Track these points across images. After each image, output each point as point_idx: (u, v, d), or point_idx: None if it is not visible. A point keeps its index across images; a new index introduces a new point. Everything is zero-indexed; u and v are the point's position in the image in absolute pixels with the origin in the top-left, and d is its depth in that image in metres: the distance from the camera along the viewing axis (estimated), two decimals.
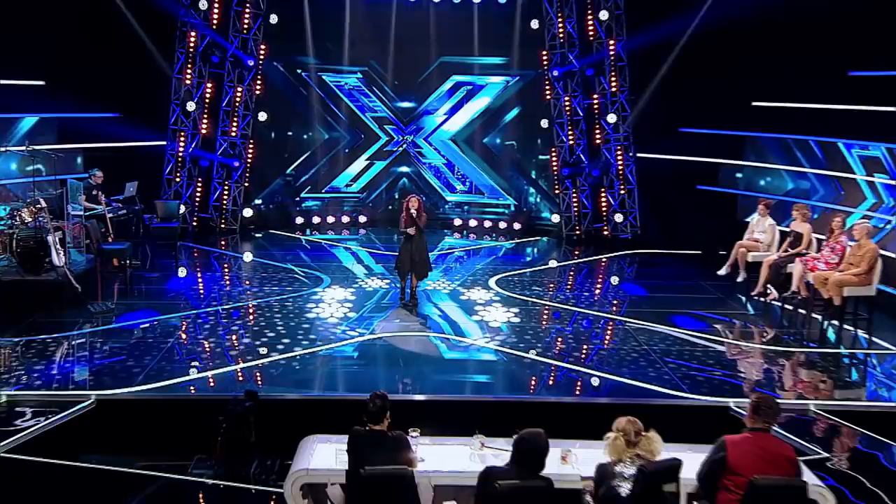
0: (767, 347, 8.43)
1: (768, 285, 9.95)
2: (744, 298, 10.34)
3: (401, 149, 16.60)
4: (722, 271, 10.97)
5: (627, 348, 8.22)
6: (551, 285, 11.14)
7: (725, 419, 6.51)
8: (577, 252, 14.03)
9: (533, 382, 7.35)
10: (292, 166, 16.22)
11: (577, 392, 7.09)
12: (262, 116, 15.53)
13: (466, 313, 9.33)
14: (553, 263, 12.75)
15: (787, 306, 9.36)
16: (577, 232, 15.18)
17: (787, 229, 10.77)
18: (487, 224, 16.58)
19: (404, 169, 16.88)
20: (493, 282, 10.89)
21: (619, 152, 15.17)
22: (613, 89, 15.00)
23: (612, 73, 14.98)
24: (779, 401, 4.63)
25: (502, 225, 16.34)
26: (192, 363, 7.39)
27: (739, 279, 10.79)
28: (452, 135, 16.52)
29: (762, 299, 10.04)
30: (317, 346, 7.96)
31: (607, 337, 8.74)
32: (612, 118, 14.93)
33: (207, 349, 7.81)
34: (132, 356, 7.43)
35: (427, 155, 17.04)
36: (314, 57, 15.97)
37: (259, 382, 7.08)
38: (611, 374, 7.43)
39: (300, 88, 16.35)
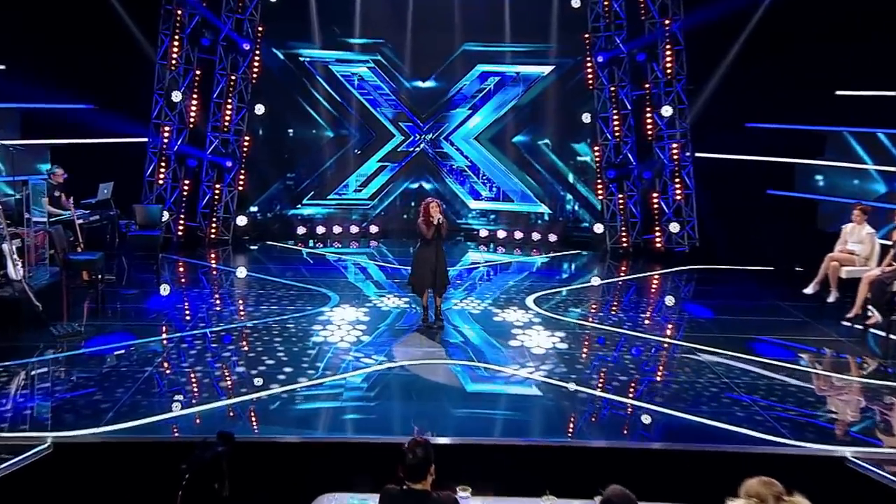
0: (873, 382, 7.88)
1: (868, 306, 9.25)
2: (837, 322, 9.83)
3: (418, 149, 16.77)
4: (809, 289, 10.37)
5: (704, 381, 7.71)
6: (600, 305, 10.93)
7: (842, 472, 6.02)
8: (623, 268, 13.82)
9: (597, 423, 6.92)
10: (293, 168, 16.17)
11: (653, 435, 6.56)
12: (260, 110, 15.37)
13: (503, 337, 8.98)
14: (596, 281, 12.62)
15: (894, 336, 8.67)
16: (624, 244, 14.89)
17: (889, 242, 10.01)
18: (518, 235, 16.34)
19: (421, 174, 16.94)
20: (530, 301, 10.66)
21: (674, 151, 14.68)
22: (668, 77, 14.60)
23: (667, 58, 14.55)
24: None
25: (535, 236, 16.15)
26: (175, 397, 7.00)
27: (830, 299, 10.22)
28: (477, 133, 16.40)
29: (860, 324, 9.44)
30: (325, 375, 7.63)
31: (676, 366, 8.21)
32: (666, 111, 14.44)
33: (194, 380, 7.45)
34: (102, 389, 7.05)
35: (448, 156, 17.00)
36: (319, 42, 15.89)
37: (254, 420, 6.68)
38: (691, 415, 6.89)
39: (303, 78, 16.11)
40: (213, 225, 14.77)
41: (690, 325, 9.97)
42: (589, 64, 15.15)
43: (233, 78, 14.95)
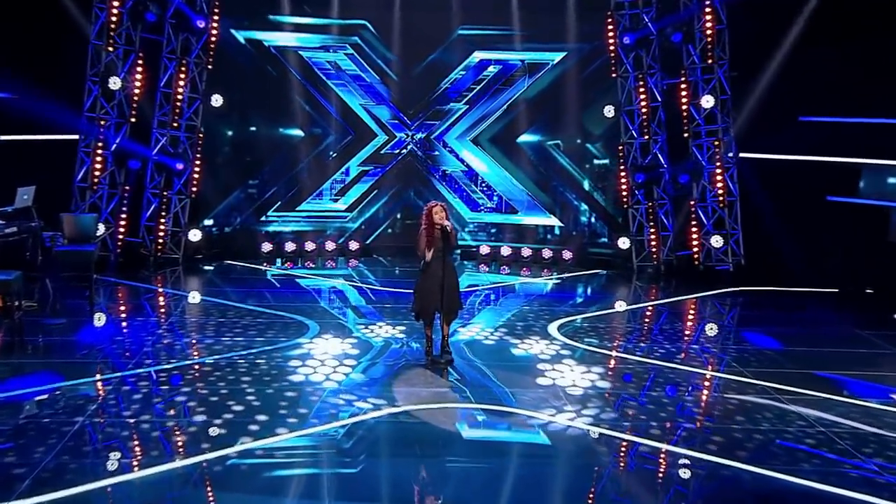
0: None
1: None
2: None
3: (405, 151, 16.67)
4: None
5: (794, 431, 7.23)
6: (639, 334, 10.76)
7: None
8: (655, 290, 13.80)
9: (667, 487, 6.34)
10: (257, 173, 16.36)
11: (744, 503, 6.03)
12: (217, 101, 15.08)
13: (528, 374, 8.67)
14: (622, 305, 12.51)
15: None
16: (655, 261, 14.80)
17: None
18: (526, 253, 16.14)
19: (409, 182, 16.87)
20: (554, 329, 10.46)
21: (715, 151, 14.29)
22: (707, 62, 14.20)
23: (707, 39, 14.15)
24: None
25: (546, 254, 16.02)
26: (113, 456, 6.46)
27: None
28: (475, 132, 16.63)
29: None
30: (310, 425, 7.15)
31: (753, 412, 7.72)
32: (707, 101, 14.05)
33: (138, 435, 6.91)
34: (16, 448, 6.49)
35: (440, 159, 16.82)
36: (288, 22, 15.69)
37: (218, 487, 6.07)
38: (789, 475, 6.32)
39: (267, 66, 15.94)
40: (160, 240, 14.60)
41: (756, 358, 9.54)
42: (612, 49, 14.84)
43: (184, 63, 14.48)
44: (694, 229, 14.36)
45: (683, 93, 14.23)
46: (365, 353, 9.26)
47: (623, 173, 14.83)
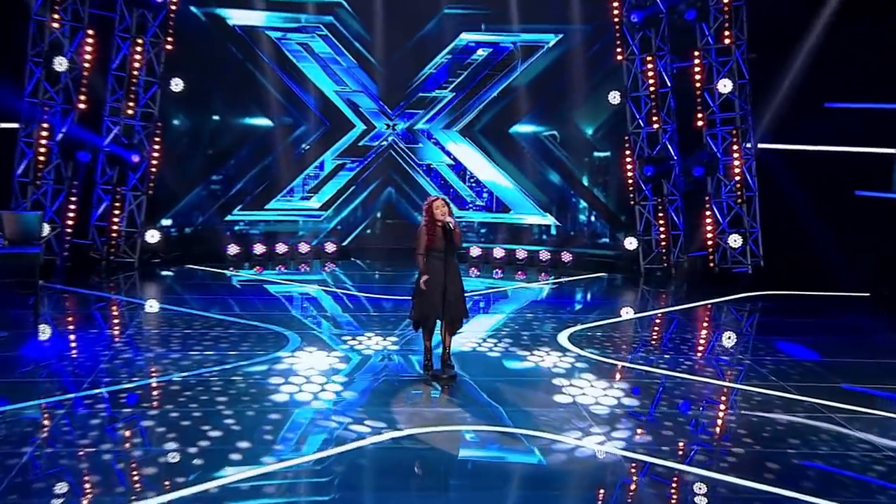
0: None
1: None
2: None
3: (385, 143, 16.56)
4: None
5: (859, 455, 6.95)
6: (661, 344, 10.70)
7: None
8: (667, 295, 13.79)
9: None
10: (221, 167, 16.10)
11: None
12: (176, 86, 14.69)
13: (543, 391, 8.52)
14: (633, 313, 12.46)
15: None
16: (665, 264, 14.68)
17: None
18: (521, 255, 16.02)
19: (390, 177, 16.83)
20: (564, 339, 10.36)
21: (732, 141, 14.11)
22: (725, 42, 14.02)
23: (724, 17, 13.99)
24: None
25: (543, 256, 15.90)
26: (60, 491, 6.05)
27: None
28: (463, 123, 16.46)
29: None
30: (300, 453, 6.82)
31: (807, 433, 7.46)
32: (724, 86, 13.88)
33: (96, 467, 6.51)
34: None
35: (424, 152, 16.64)
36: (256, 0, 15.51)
37: None
38: None
39: (233, 47, 15.70)
40: (113, 242, 14.38)
41: (796, 371, 9.39)
42: (617, 29, 14.67)
43: (139, 42, 14.08)
44: (709, 228, 14.20)
45: (697, 77, 14.01)
46: (356, 368, 9.05)
47: (629, 166, 14.64)
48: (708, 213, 14.17)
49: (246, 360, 9.06)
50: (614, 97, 14.65)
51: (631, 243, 14.69)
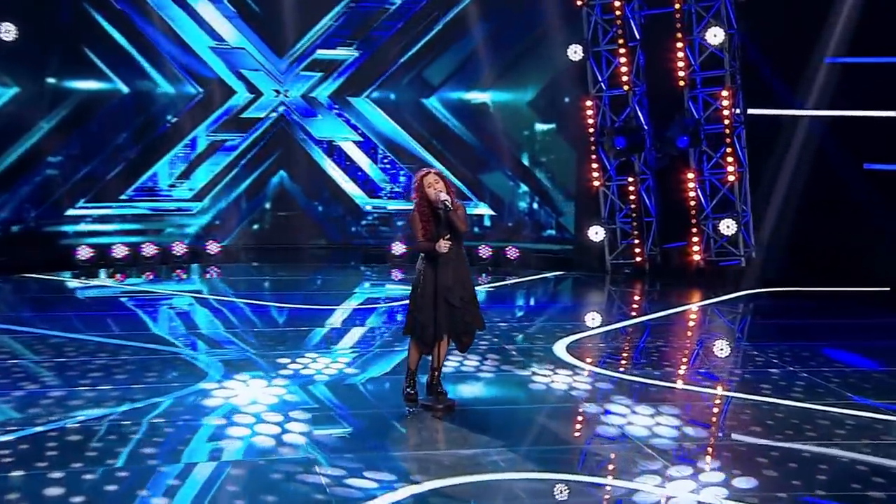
0: None
1: None
2: None
3: (274, 115, 16.11)
4: None
5: None
6: (684, 355, 10.78)
7: None
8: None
9: None
10: (60, 148, 15.30)
11: None
12: (7, 33, 13.70)
13: (573, 420, 8.34)
14: (592, 319, 12.36)
15: None
16: (639, 259, 14.44)
17: None
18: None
19: (282, 157, 16.34)
20: (560, 350, 10.28)
21: (721, 107, 13.79)
22: None
23: None
24: None
25: (485, 252, 15.68)
26: None
27: None
28: (373, 88, 16.07)
29: None
30: None
31: None
32: (715, 36, 13.52)
33: None
34: None
35: (325, 126, 16.21)
36: None
37: None
38: None
39: None
40: None
41: (869, 383, 9.30)
42: None
43: None
44: (692, 212, 13.94)
45: (678, 25, 13.69)
46: (318, 400, 8.47)
47: (591, 139, 14.27)
48: (692, 193, 13.86)
49: (161, 396, 8.33)
50: (575, 52, 14.21)
51: (596, 234, 14.32)
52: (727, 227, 13.71)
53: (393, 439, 7.60)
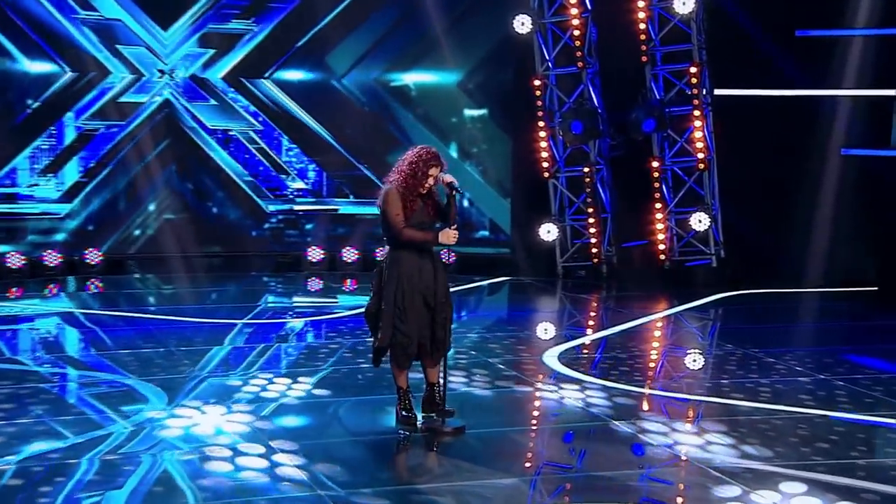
0: None
1: None
2: None
3: (158, 100, 15.69)
4: None
5: None
6: (696, 366, 10.94)
7: None
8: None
9: None
10: None
11: None
12: None
13: (607, 441, 8.19)
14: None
15: None
16: (594, 260, 14.47)
17: None
18: (354, 258, 15.77)
19: (168, 151, 15.87)
20: (552, 360, 10.41)
21: (692, 83, 13.79)
22: None
23: None
24: None
25: None
26: None
27: None
28: (274, 68, 15.88)
29: None
30: None
31: None
32: (683, 5, 13.46)
33: None
34: None
35: (220, 113, 15.95)
36: None
37: None
38: None
39: None
40: None
41: None
42: None
43: None
44: (658, 206, 13.99)
45: None
46: (298, 427, 8.24)
47: (541, 123, 14.17)
48: (657, 184, 13.85)
49: (104, 427, 7.85)
50: (523, 24, 14.05)
51: (548, 232, 14.18)
52: (699, 221, 13.71)
53: (411, 469, 7.51)
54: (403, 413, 7.72)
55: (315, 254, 15.43)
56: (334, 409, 8.86)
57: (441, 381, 7.95)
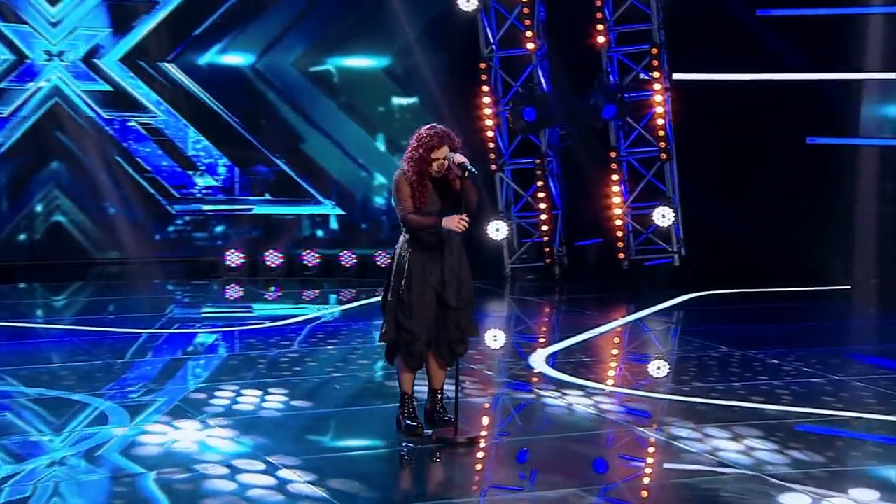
0: None
1: None
2: None
3: (44, 86, 15.36)
4: None
5: None
6: (707, 370, 10.82)
7: None
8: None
9: None
10: None
11: None
12: None
13: (635, 451, 8.38)
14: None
15: None
16: (547, 260, 14.66)
17: None
18: (277, 261, 15.68)
19: (56, 147, 15.59)
20: (540, 363, 10.63)
21: (653, 66, 13.98)
22: None
23: None
24: None
25: (347, 262, 15.78)
26: None
27: None
28: (181, 50, 15.73)
29: None
30: None
31: None
32: None
33: None
34: None
35: (116, 102, 15.71)
36: None
37: None
38: None
39: None
40: None
41: None
42: None
43: None
44: (616, 200, 14.14)
45: None
46: (293, 442, 8.08)
47: (488, 111, 14.26)
48: (615, 177, 14.00)
49: (71, 447, 7.70)
50: (468, 1, 14.08)
51: (497, 231, 14.18)
52: (662, 216, 13.87)
53: (438, 483, 7.46)
54: (408, 422, 7.66)
55: (234, 258, 15.18)
56: (322, 420, 8.83)
57: (443, 389, 7.90)
